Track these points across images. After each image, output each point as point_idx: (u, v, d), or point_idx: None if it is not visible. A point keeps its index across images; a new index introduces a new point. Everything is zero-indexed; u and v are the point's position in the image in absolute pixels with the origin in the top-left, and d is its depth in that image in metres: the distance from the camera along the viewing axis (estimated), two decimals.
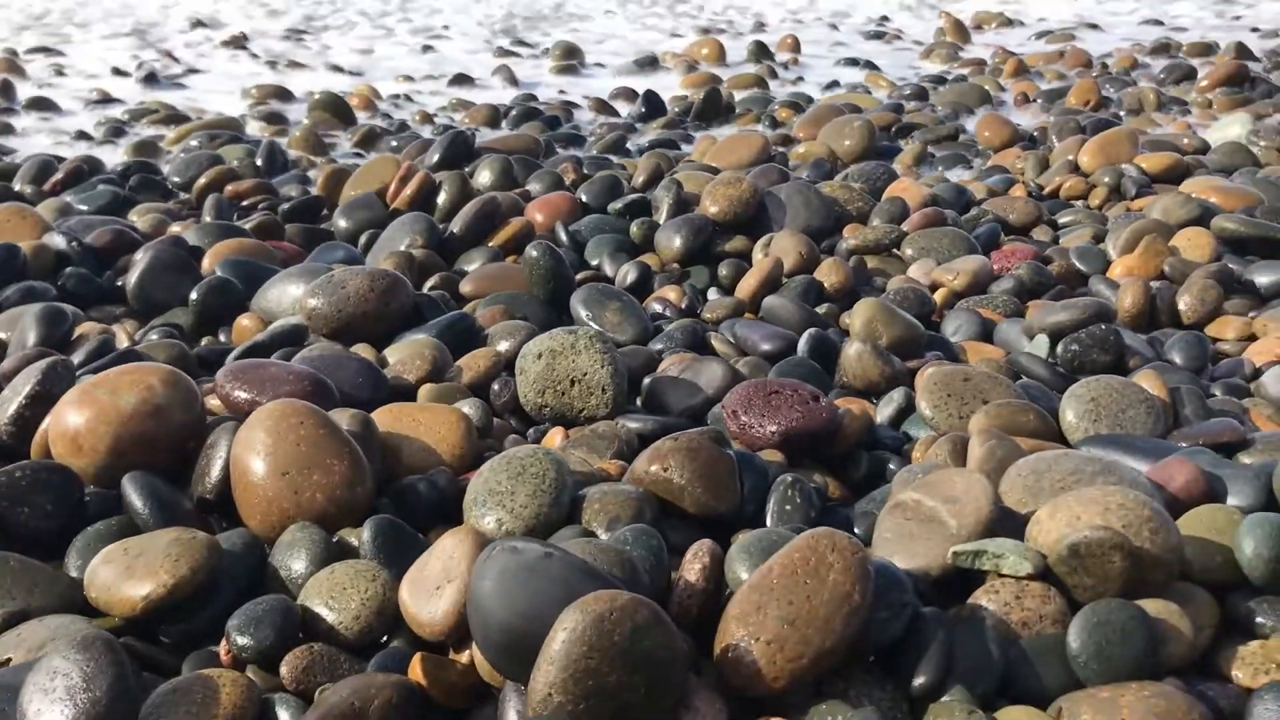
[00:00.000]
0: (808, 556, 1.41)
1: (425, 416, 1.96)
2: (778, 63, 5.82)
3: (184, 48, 6.38)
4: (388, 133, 4.42)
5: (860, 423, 2.03)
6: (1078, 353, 2.33)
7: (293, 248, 3.11)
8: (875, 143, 3.98)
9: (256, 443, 1.76)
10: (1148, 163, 3.61)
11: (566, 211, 3.17)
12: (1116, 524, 1.50)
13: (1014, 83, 5.14)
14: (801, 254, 2.88)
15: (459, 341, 2.41)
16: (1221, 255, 2.89)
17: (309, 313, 2.47)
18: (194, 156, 3.89)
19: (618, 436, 2.00)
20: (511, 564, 1.37)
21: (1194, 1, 7.75)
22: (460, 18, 7.28)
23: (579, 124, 4.62)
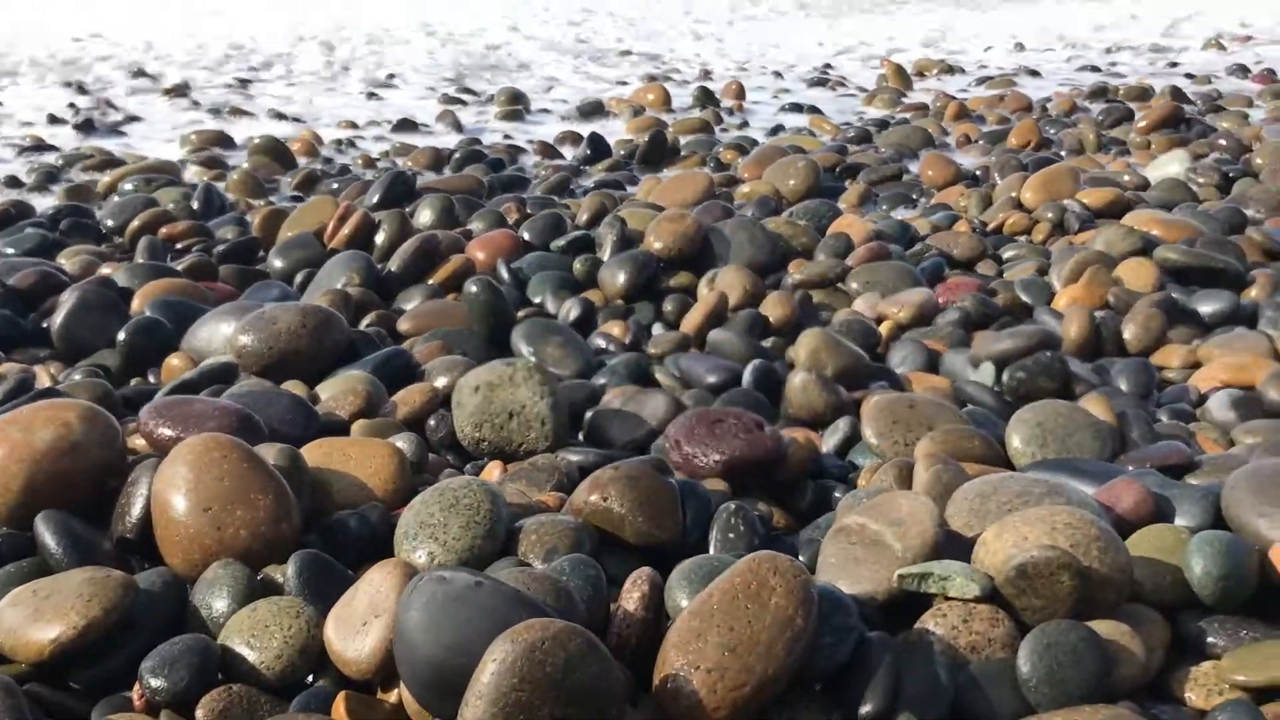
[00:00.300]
0: (749, 580, 1.36)
1: (356, 451, 1.89)
2: (723, 108, 5.85)
3: (124, 95, 6.31)
4: (329, 176, 4.36)
5: (805, 451, 1.99)
6: (1023, 380, 2.31)
7: (226, 288, 3.03)
8: (820, 182, 3.98)
9: (178, 478, 1.69)
10: (1090, 198, 3.64)
11: (508, 249, 3.13)
12: (1064, 543, 1.46)
13: (956, 125, 5.19)
14: (746, 288, 2.85)
15: (395, 378, 2.34)
16: (1164, 285, 2.90)
17: (239, 350, 2.39)
18: (128, 200, 3.81)
19: (557, 469, 1.94)
20: (439, 594, 1.31)
21: (1130, 50, 7.93)
22: (406, 67, 7.27)
23: (524, 167, 4.60)
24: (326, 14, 9.18)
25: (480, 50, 7.97)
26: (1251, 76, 6.60)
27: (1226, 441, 2.13)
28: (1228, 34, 8.44)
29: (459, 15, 9.26)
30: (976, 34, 8.84)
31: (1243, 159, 4.35)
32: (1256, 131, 4.82)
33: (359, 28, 8.65)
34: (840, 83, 6.79)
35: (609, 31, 8.91)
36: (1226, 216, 3.48)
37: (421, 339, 2.62)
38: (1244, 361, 2.42)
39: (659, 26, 9.20)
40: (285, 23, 8.78)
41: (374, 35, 8.39)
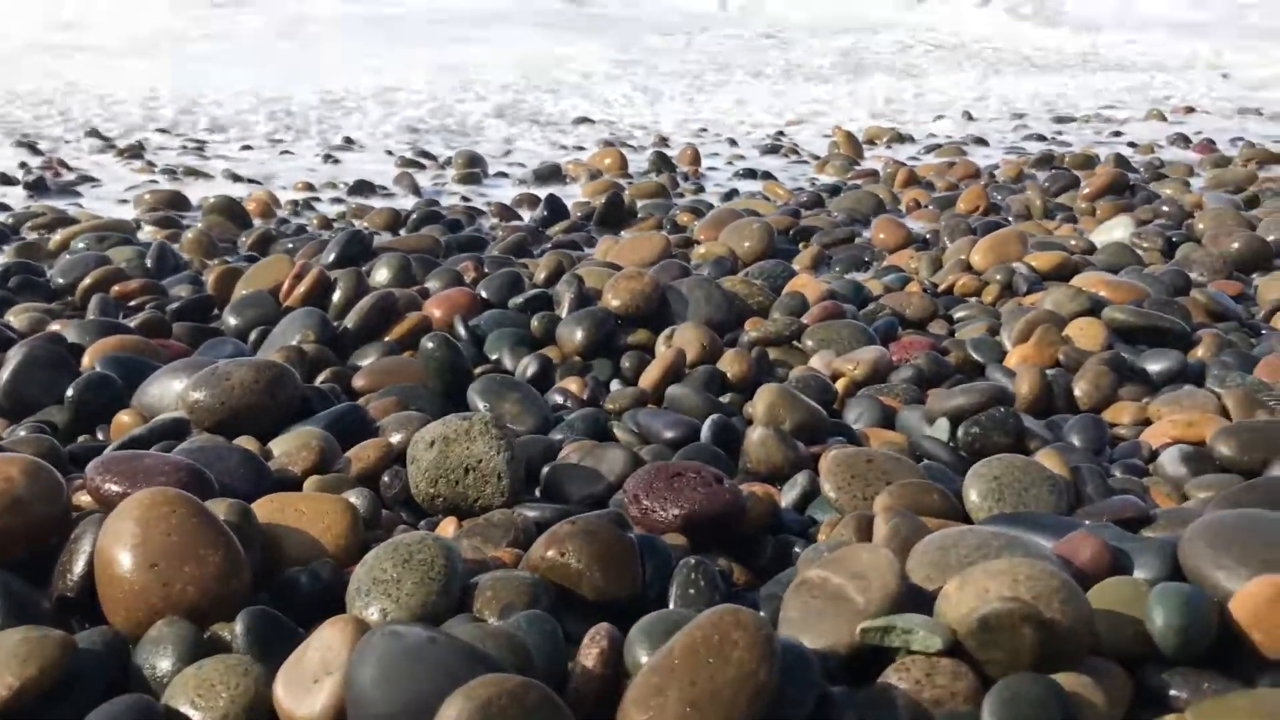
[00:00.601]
0: (710, 634, 1.34)
1: (309, 507, 1.86)
2: (679, 173, 5.91)
3: (78, 157, 6.26)
4: (284, 236, 4.33)
5: (764, 506, 1.98)
6: (978, 435, 2.32)
7: (179, 346, 2.99)
8: (774, 244, 4.02)
9: (124, 533, 1.64)
10: (1038, 261, 3.70)
11: (465, 307, 3.12)
12: (1026, 595, 1.46)
13: (906, 191, 5.28)
14: (704, 345, 2.86)
15: (349, 434, 2.31)
16: (1113, 345, 2.94)
17: (191, 406, 2.35)
18: (80, 257, 3.76)
19: (514, 525, 1.92)
20: (393, 649, 1.28)
21: (1075, 121, 8.13)
22: (363, 132, 7.29)
23: (481, 228, 4.60)
24: (280, 79, 9.20)
25: (436, 116, 8.02)
26: (1192, 146, 6.79)
27: (1179, 496, 2.15)
28: (1169, 105, 8.69)
29: (414, 81, 9.33)
30: (926, 103, 9.03)
31: (1185, 224, 4.45)
32: (1198, 199, 4.94)
33: (314, 93, 8.67)
34: (793, 150, 6.89)
35: (565, 98, 9.01)
36: (1171, 279, 3.55)
37: (377, 395, 2.59)
38: (1193, 418, 2.45)
39: (614, 94, 9.32)
40: (241, 86, 8.78)
41: (329, 99, 8.41)
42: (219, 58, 10.24)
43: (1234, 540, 1.64)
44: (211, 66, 9.75)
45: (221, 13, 12.66)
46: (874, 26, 13.92)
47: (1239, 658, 1.53)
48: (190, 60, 10.04)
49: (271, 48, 10.74)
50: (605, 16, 14.30)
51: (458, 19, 13.06)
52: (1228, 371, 2.77)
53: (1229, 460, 2.23)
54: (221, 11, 12.78)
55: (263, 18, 12.56)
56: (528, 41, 11.82)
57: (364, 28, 12.13)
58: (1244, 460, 2.21)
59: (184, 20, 11.73)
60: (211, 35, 11.11)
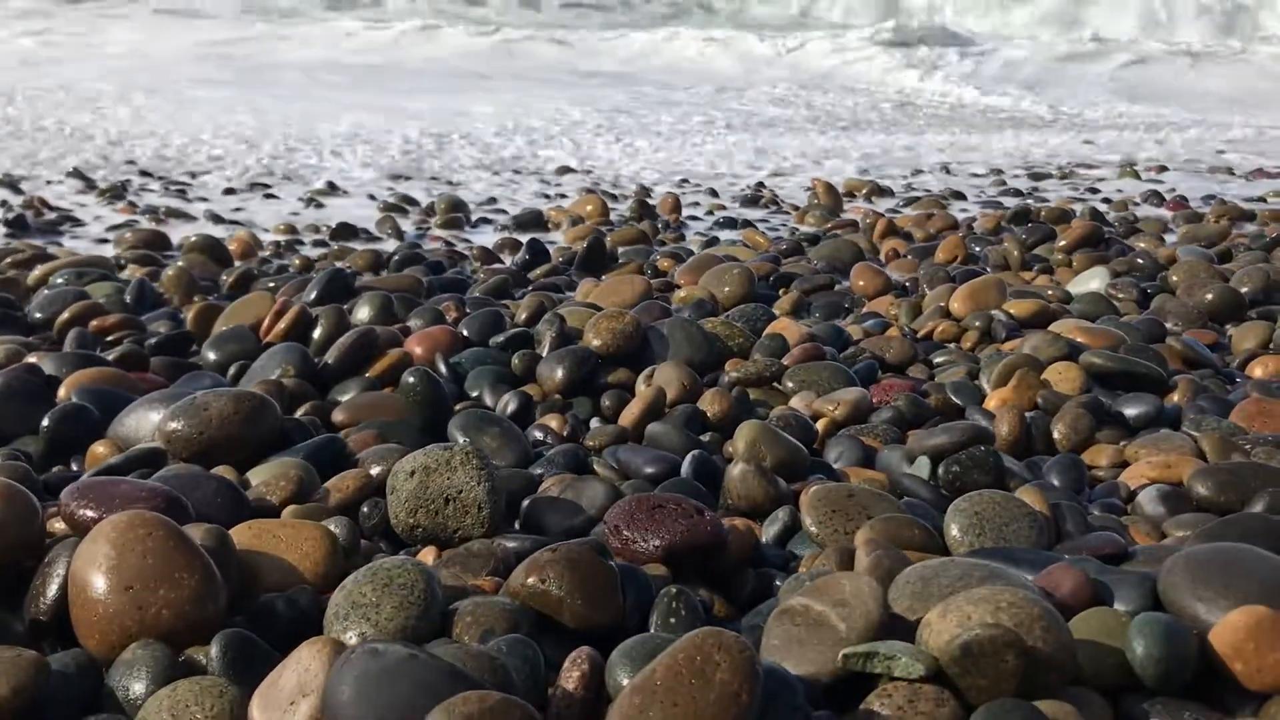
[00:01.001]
0: (693, 656, 1.33)
1: (286, 533, 1.84)
2: (659, 221, 5.95)
3: (59, 197, 6.25)
4: (266, 275, 4.33)
5: (745, 539, 1.98)
6: (958, 474, 2.33)
7: (157, 379, 2.97)
8: (754, 290, 4.04)
9: (98, 556, 1.62)
10: (1016, 308, 3.73)
11: (446, 345, 3.12)
12: (1008, 622, 1.46)
13: (885, 242, 5.32)
14: (684, 384, 2.86)
15: (328, 465, 2.30)
16: (1090, 389, 2.96)
17: (169, 436, 2.34)
18: (58, 293, 3.75)
19: (494, 555, 1.91)
20: (372, 668, 1.27)
21: (1051, 179, 8.25)
22: (345, 178, 7.32)
23: (463, 270, 4.61)
24: (262, 123, 9.25)
25: (420, 162, 8.06)
26: (1166, 204, 6.89)
27: (1158, 534, 2.15)
28: (1143, 163, 8.84)
29: (397, 127, 9.39)
30: (905, 157, 9.15)
31: (1159, 276, 4.51)
32: (1171, 252, 5.01)
33: (297, 137, 8.72)
34: (773, 201, 6.96)
35: (547, 148, 9.08)
36: (1147, 327, 3.59)
37: (356, 429, 2.58)
38: (1170, 460, 2.46)
39: (596, 144, 9.40)
40: (225, 131, 8.82)
41: (312, 144, 8.45)
42: (203, 103, 10.29)
43: (1213, 573, 1.65)
44: (193, 111, 9.80)
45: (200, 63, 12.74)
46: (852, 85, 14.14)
47: (1220, 689, 1.54)
48: (173, 103, 10.08)
49: (256, 91, 10.80)
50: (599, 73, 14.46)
51: (445, 72, 13.19)
52: (1204, 416, 2.79)
53: (1206, 500, 2.24)
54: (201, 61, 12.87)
55: (244, 64, 12.65)
56: (510, 93, 11.94)
57: (345, 79, 12.22)
58: (1221, 500, 2.22)
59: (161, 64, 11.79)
60: (196, 79, 11.16)
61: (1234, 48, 15.33)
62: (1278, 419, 2.76)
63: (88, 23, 13.97)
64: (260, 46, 13.87)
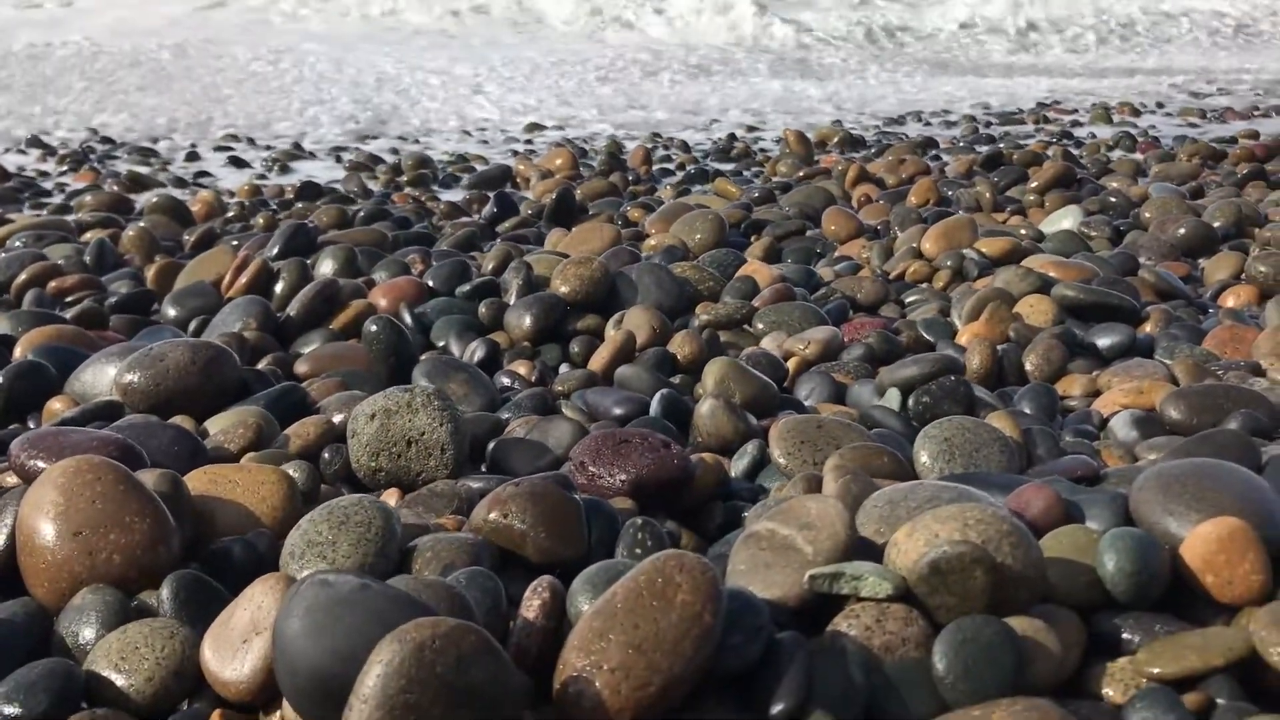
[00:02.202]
0: (654, 578, 1.30)
1: (243, 477, 1.80)
2: (629, 174, 5.88)
3: (19, 167, 6.14)
4: (229, 234, 4.25)
5: (714, 473, 1.95)
6: (929, 405, 2.30)
7: (117, 337, 2.91)
8: (725, 237, 3.99)
9: (46, 502, 1.58)
10: (988, 247, 3.70)
11: (411, 295, 3.07)
12: (976, 539, 1.43)
13: (857, 188, 5.28)
14: (654, 328, 2.83)
15: (289, 414, 2.25)
16: (1063, 321, 2.94)
17: (125, 388, 2.29)
18: (16, 255, 3.67)
19: (457, 495, 1.87)
20: (322, 598, 1.23)
21: (1026, 126, 8.21)
22: (309, 139, 7.22)
23: (430, 224, 4.54)
24: (220, 84, 9.12)
25: (387, 116, 7.96)
26: (1139, 145, 6.86)
27: (1131, 459, 2.13)
28: (1115, 105, 8.81)
29: (364, 82, 9.28)
30: (879, 104, 9.09)
31: (1132, 214, 4.48)
32: (1144, 190, 4.98)
33: (261, 103, 8.60)
34: (745, 153, 6.90)
35: (515, 100, 8.99)
36: (1120, 261, 3.57)
37: (319, 379, 2.53)
38: (1143, 386, 2.44)
39: (565, 96, 9.31)
40: (180, 91, 8.69)
41: (277, 109, 8.34)
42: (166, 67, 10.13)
43: (1184, 487, 1.62)
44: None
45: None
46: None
47: (1192, 602, 1.52)
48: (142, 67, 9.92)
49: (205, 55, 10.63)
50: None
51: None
52: (1176, 344, 2.78)
53: (1178, 423, 2.22)
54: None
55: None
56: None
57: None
58: (1193, 422, 2.21)
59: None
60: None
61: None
62: (1249, 345, 2.74)
63: None
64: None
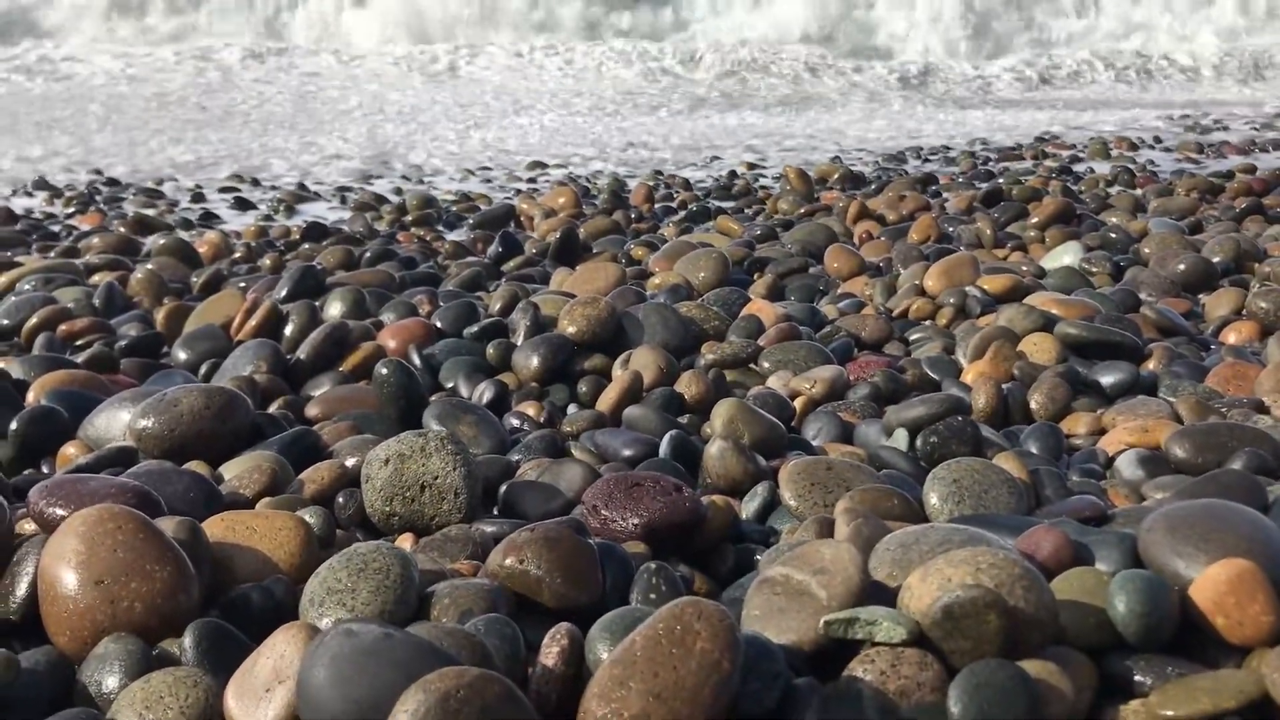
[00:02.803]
0: (672, 625, 1.32)
1: (260, 524, 1.82)
2: (631, 210, 5.93)
3: (27, 209, 6.19)
4: (236, 276, 4.29)
5: (725, 515, 1.96)
6: (936, 445, 2.32)
7: (127, 380, 2.93)
8: (729, 274, 4.03)
9: (68, 551, 1.60)
10: (990, 284, 3.73)
11: (420, 336, 3.09)
12: (989, 583, 1.45)
13: (858, 224, 5.32)
14: (661, 368, 2.85)
15: (303, 458, 2.27)
16: (1066, 359, 2.96)
17: (139, 434, 2.31)
18: (25, 299, 3.70)
19: (471, 539, 1.89)
20: (347, 648, 1.25)
21: (1025, 162, 8.28)
22: (312, 179, 7.28)
23: (436, 265, 4.58)
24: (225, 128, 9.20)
25: (392, 159, 8.03)
26: (1138, 180, 6.92)
27: (1137, 498, 2.15)
28: (1112, 139, 8.88)
29: (366, 127, 9.36)
30: (876, 139, 9.17)
31: (1132, 249, 4.52)
32: (1143, 226, 5.02)
33: (264, 142, 8.68)
34: (746, 190, 6.95)
35: (517, 142, 9.06)
36: (1121, 298, 3.60)
37: (330, 421, 2.55)
38: (1147, 424, 2.47)
39: (569, 137, 9.39)
40: (188, 136, 8.77)
41: (280, 149, 8.42)
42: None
43: (1192, 528, 1.64)
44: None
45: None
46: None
47: (1202, 644, 1.53)
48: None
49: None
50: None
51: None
52: (1179, 381, 2.80)
53: (1183, 462, 2.24)
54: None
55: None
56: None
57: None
58: (1199, 460, 2.23)
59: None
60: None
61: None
62: (1252, 382, 2.77)
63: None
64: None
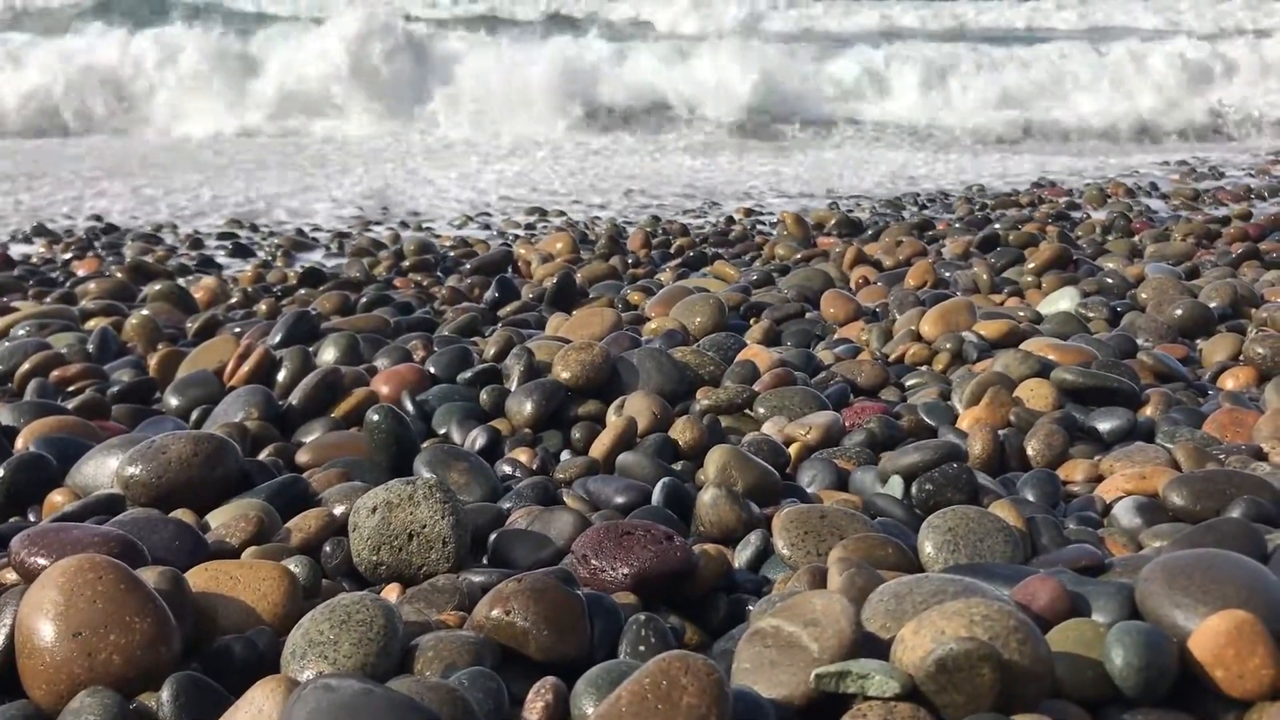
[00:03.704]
0: (659, 680, 1.29)
1: (244, 574, 1.79)
2: (628, 255, 5.93)
3: (24, 255, 6.19)
4: (231, 321, 4.28)
5: (717, 564, 1.93)
6: (932, 492, 2.30)
7: (118, 427, 2.91)
8: (725, 320, 4.02)
9: (46, 602, 1.57)
10: (986, 329, 3.72)
11: (413, 382, 3.07)
12: (983, 635, 1.43)
13: (855, 270, 5.32)
14: (655, 414, 2.83)
15: (291, 506, 2.25)
16: (1063, 405, 2.94)
17: (127, 481, 2.28)
18: (20, 344, 3.69)
19: (459, 590, 1.86)
20: (324, 703, 1.22)
21: (1017, 206, 8.30)
22: (308, 224, 7.30)
23: (431, 310, 4.57)
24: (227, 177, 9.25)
25: (387, 204, 8.05)
26: (1134, 225, 6.93)
27: (1135, 546, 2.13)
28: (1109, 185, 8.92)
29: (365, 173, 9.41)
30: (872, 181, 9.21)
31: (1129, 295, 4.52)
32: (1140, 271, 5.02)
33: (262, 190, 8.72)
34: (742, 238, 6.96)
35: (516, 188, 9.10)
36: (1118, 343, 3.59)
37: (320, 469, 2.53)
38: (1145, 471, 2.44)
39: (566, 182, 9.43)
40: (191, 185, 8.81)
41: (277, 197, 8.45)
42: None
43: (1190, 579, 1.62)
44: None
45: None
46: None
47: (1201, 697, 1.50)
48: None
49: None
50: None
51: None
52: (1177, 428, 2.78)
53: (1182, 509, 2.22)
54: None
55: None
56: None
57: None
58: (1197, 508, 2.20)
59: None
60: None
61: None
62: (1250, 428, 2.74)
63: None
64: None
